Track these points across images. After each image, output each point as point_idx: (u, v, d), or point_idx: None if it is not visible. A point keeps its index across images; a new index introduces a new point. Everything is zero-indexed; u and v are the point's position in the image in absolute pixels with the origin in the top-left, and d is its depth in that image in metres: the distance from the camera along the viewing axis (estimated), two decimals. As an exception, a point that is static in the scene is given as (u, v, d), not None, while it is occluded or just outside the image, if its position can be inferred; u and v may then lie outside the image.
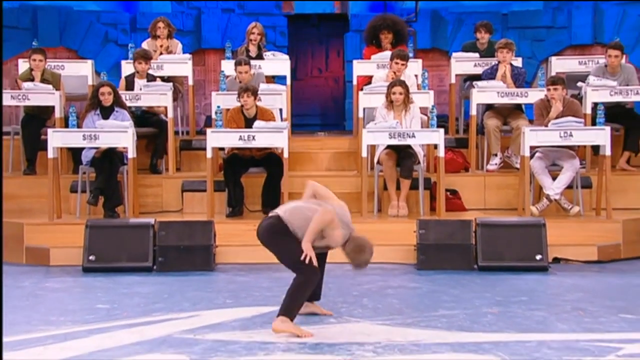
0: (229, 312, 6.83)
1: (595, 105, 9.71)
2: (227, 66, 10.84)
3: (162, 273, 8.45)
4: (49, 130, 9.43)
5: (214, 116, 9.65)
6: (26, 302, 7.32)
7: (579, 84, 10.38)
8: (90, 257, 8.52)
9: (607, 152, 9.27)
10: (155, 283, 8.01)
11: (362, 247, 6.16)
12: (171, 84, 10.58)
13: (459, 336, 6.06)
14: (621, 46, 10.47)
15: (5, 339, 6.01)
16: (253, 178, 9.59)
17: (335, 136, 11.83)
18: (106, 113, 9.59)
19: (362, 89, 10.42)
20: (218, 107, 9.68)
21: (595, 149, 9.75)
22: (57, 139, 9.34)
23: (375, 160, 9.59)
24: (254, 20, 11.86)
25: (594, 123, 9.56)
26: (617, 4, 13.62)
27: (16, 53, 12.69)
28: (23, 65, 10.90)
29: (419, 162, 9.52)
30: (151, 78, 10.51)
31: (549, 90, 9.54)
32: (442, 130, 9.36)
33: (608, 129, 9.29)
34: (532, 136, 9.22)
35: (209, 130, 9.44)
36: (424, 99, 9.98)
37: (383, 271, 8.45)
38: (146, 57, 10.43)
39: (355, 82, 11.02)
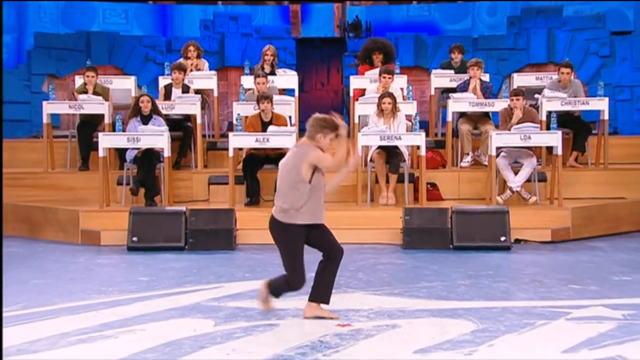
0: (247, 284, 6.81)
1: (549, 113, 9.68)
2: (246, 81, 10.81)
3: (192, 252, 8.43)
4: (100, 134, 9.42)
5: (234, 122, 9.63)
6: (81, 275, 7.32)
7: (536, 95, 10.34)
8: (134, 238, 8.52)
9: (559, 152, 9.24)
10: (186, 260, 8.00)
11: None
12: (200, 95, 10.55)
13: (437, 304, 6.04)
14: (571, 65, 10.44)
15: (64, 305, 6.04)
16: (268, 173, 9.56)
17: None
18: (146, 120, 9.58)
19: (357, 100, 10.39)
20: (238, 114, 9.65)
21: (549, 149, 9.72)
22: (106, 141, 9.33)
23: (369, 158, 9.56)
24: (268, 43, 11.83)
25: (548, 128, 9.53)
26: (567, 30, 13.58)
27: (73, 70, 12.70)
28: (78, 81, 10.88)
29: (404, 160, 9.49)
30: (186, 88, 10.45)
31: (512, 100, 9.51)
32: (423, 134, 9.33)
33: (560, 133, 9.26)
34: (497, 139, 9.19)
35: (230, 134, 9.41)
36: (409, 108, 9.95)
37: (374, 250, 8.43)
38: (181, 68, 10.37)
39: (351, 94, 10.99)
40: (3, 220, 9.73)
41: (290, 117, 10.26)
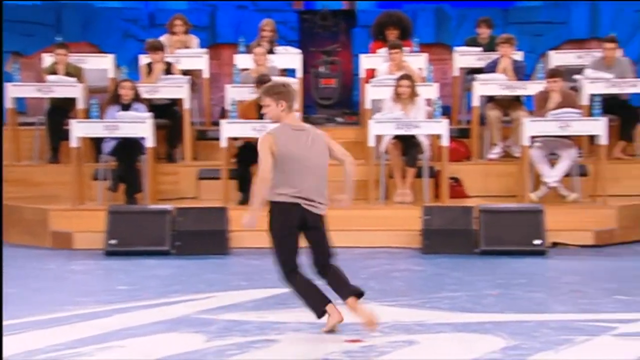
0: (242, 293, 6.85)
1: (592, 97, 9.68)
2: (241, 60, 10.83)
3: (179, 256, 8.47)
4: (72, 121, 9.46)
5: (228, 108, 9.65)
6: (52, 283, 7.37)
7: (576, 76, 10.34)
8: (112, 241, 8.56)
9: (603, 141, 9.25)
10: (172, 266, 8.05)
11: None
12: (188, 77, 10.56)
13: (462, 317, 6.07)
14: (615, 39, 10.43)
15: (34, 318, 6.07)
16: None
17: (341, 127, 11.78)
18: (125, 109, 9.60)
19: (368, 82, 10.40)
20: (232, 99, 9.67)
21: (592, 138, 9.73)
22: (79, 129, 9.37)
23: (382, 149, 9.58)
24: (266, 17, 11.83)
25: (590, 114, 9.53)
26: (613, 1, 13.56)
27: (40, 48, 12.68)
28: (47, 60, 10.90)
29: (423, 152, 9.50)
30: (167, 66, 10.45)
31: (548, 82, 9.52)
32: (446, 121, 9.35)
33: (604, 119, 9.27)
34: (531, 127, 9.21)
35: (223, 121, 9.45)
36: (429, 92, 9.96)
37: (389, 255, 8.46)
38: (157, 48, 10.35)
39: (362, 75, 11.00)
40: None
41: (292, 102, 10.26)
